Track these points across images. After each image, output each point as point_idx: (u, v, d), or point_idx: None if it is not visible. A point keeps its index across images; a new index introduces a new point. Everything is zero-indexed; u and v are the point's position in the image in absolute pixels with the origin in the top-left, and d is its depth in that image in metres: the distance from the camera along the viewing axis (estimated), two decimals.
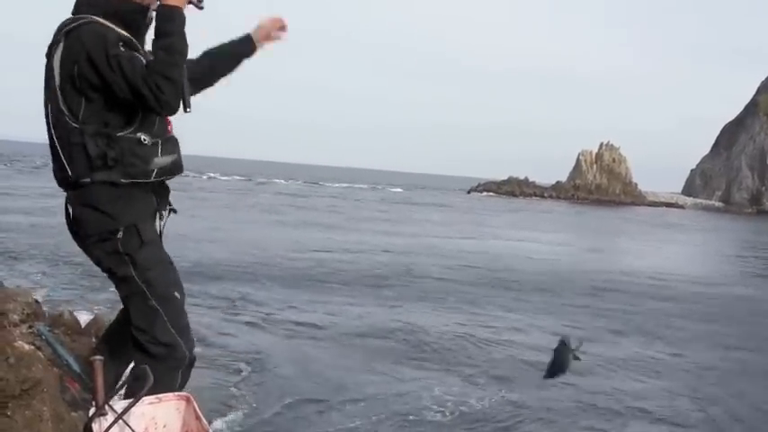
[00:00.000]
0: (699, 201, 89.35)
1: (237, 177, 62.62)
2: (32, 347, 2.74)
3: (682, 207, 77.19)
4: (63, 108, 2.41)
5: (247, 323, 7.38)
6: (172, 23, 2.37)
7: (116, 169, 2.41)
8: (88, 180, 2.41)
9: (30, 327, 3.97)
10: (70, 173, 2.43)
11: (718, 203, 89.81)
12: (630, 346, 7.65)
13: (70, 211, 2.51)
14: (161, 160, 2.52)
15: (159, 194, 2.61)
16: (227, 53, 2.92)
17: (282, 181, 64.98)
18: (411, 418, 4.86)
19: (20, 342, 2.56)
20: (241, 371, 5.67)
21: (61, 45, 2.41)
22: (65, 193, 2.58)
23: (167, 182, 2.68)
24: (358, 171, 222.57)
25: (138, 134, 2.46)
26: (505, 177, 75.70)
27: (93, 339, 4.66)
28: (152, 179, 2.50)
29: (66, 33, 2.42)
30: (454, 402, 5.23)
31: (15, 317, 3.87)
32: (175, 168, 2.60)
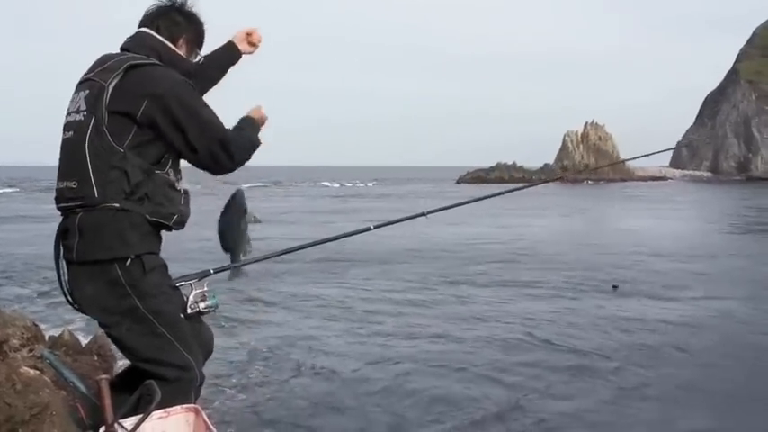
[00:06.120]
0: (687, 172, 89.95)
1: (258, 183, 57.20)
2: (37, 372, 2.75)
3: (671, 179, 77.60)
4: (105, 130, 2.35)
5: None
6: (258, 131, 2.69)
7: (146, 204, 2.40)
8: (117, 205, 2.35)
9: (30, 350, 3.96)
10: (97, 194, 2.34)
11: (706, 174, 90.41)
12: None
13: (74, 234, 2.38)
14: (184, 209, 2.54)
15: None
16: (215, 61, 2.93)
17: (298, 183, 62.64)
18: None
19: (24, 368, 2.56)
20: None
21: (120, 76, 2.38)
22: (63, 214, 2.46)
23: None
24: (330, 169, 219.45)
25: (171, 177, 2.49)
26: (493, 164, 75.80)
27: (95, 357, 4.66)
28: (170, 224, 2.48)
29: (129, 67, 2.40)
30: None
31: (16, 341, 3.86)
32: (184, 221, 2.56)
